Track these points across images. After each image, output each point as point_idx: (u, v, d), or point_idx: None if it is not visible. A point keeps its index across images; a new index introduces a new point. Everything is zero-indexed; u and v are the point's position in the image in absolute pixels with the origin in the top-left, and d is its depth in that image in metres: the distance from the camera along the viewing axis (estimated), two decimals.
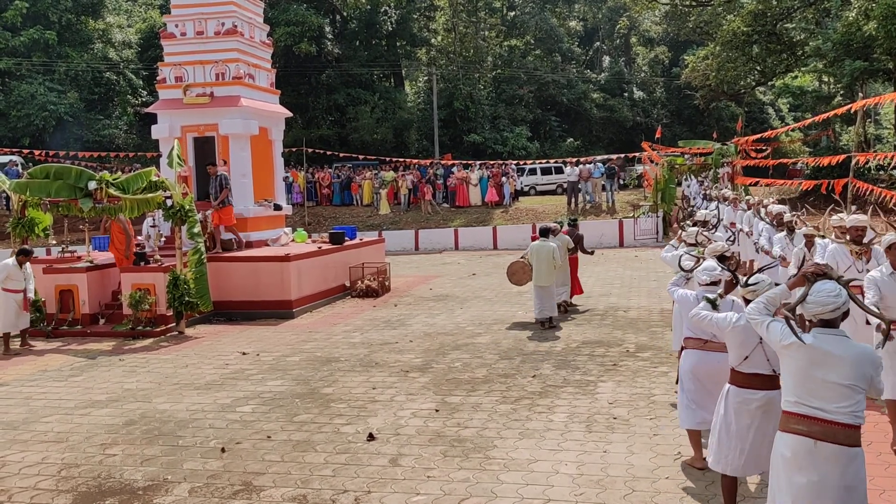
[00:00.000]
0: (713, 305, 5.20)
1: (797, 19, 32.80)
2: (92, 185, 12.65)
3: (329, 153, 34.51)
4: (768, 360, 4.63)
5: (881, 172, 27.10)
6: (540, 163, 35.67)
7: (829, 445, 3.69)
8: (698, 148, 31.46)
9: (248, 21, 16.86)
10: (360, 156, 34.12)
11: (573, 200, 29.57)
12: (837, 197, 13.87)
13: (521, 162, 34.09)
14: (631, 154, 33.66)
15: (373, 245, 18.76)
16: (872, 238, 7.99)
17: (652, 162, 28.97)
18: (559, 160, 34.72)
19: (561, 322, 12.49)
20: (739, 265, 6.41)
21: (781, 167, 27.20)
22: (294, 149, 31.62)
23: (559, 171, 33.34)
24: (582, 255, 14.53)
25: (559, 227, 13.44)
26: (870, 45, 25.60)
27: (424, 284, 17.93)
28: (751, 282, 4.61)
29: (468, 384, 8.76)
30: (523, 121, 44.11)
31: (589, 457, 6.30)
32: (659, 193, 27.00)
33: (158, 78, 16.57)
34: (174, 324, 12.73)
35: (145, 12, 43.63)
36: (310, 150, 33.50)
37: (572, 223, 14.82)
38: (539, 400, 8.01)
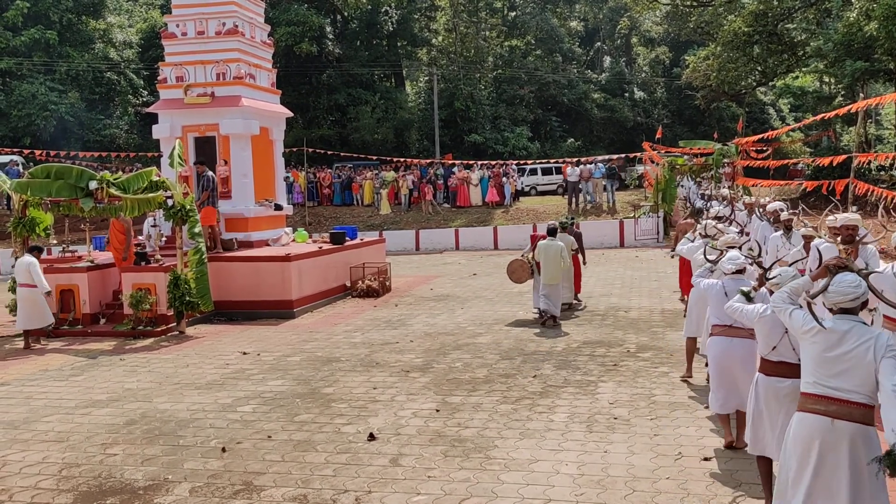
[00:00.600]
0: (748, 298, 5.36)
1: (798, 20, 32.76)
2: (93, 185, 12.66)
3: (330, 153, 34.52)
4: (794, 350, 4.77)
5: (882, 173, 27.08)
6: (540, 163, 35.66)
7: (846, 423, 3.90)
8: (699, 148, 31.46)
9: (249, 21, 16.87)
10: (361, 156, 34.12)
11: (574, 201, 29.57)
12: (838, 197, 13.79)
13: (522, 162, 34.09)
14: (632, 154, 33.66)
15: (373, 245, 18.76)
16: (863, 236, 7.93)
17: (653, 162, 28.98)
18: (559, 161, 34.70)
19: (562, 321, 12.58)
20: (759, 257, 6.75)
21: (782, 168, 27.20)
22: (295, 149, 31.62)
23: (560, 172, 33.33)
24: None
25: (562, 226, 13.49)
26: (871, 46, 25.57)
27: (425, 284, 17.93)
28: (771, 275, 4.98)
29: (469, 384, 8.76)
30: (524, 121, 44.08)
31: (589, 457, 6.30)
32: (659, 194, 26.99)
33: (159, 78, 16.57)
34: (175, 323, 12.74)
35: (146, 12, 43.60)
36: (311, 150, 33.50)
37: (570, 223, 14.70)
38: (540, 400, 8.01)
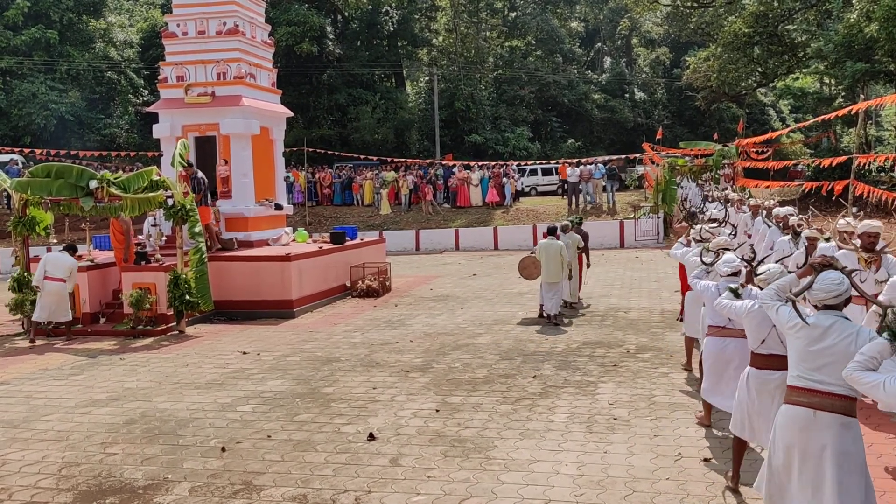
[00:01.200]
0: (736, 295, 5.63)
1: (798, 21, 32.77)
2: (93, 184, 12.65)
3: (330, 153, 34.52)
4: (782, 342, 4.90)
5: (882, 174, 27.09)
6: (540, 163, 35.66)
7: (828, 414, 4.07)
8: (699, 149, 31.48)
9: (250, 21, 16.87)
10: (361, 156, 34.12)
11: (574, 201, 29.57)
12: (838, 198, 13.70)
13: (522, 163, 34.09)
14: (632, 155, 33.67)
15: (373, 245, 18.76)
16: (884, 246, 7.55)
17: (653, 163, 28.98)
18: (560, 161, 34.71)
19: (566, 319, 12.76)
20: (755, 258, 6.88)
21: (783, 169, 27.21)
22: (295, 148, 31.62)
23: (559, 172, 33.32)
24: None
25: (570, 226, 13.93)
26: (871, 47, 25.58)
27: (425, 284, 17.93)
28: (760, 271, 5.23)
29: (469, 384, 8.77)
30: (524, 121, 44.09)
31: (589, 457, 6.30)
32: (660, 194, 27.00)
33: (160, 77, 16.57)
34: (175, 323, 12.74)
35: (147, 11, 43.60)
36: (311, 150, 33.50)
37: (578, 223, 15.08)
38: (539, 400, 8.01)
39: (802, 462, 4.16)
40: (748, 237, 13.99)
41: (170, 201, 12.91)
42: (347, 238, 17.35)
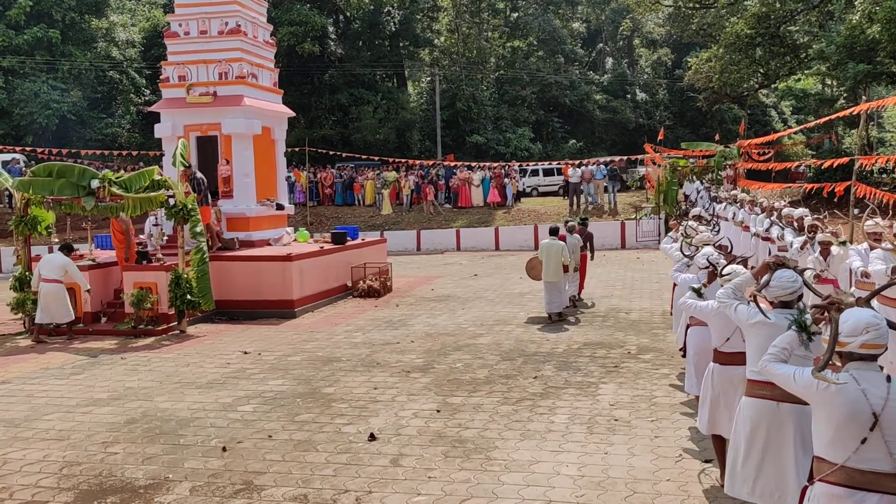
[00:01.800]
0: (698, 294, 5.86)
1: (801, 22, 32.74)
2: (95, 184, 12.66)
3: (331, 153, 34.50)
4: (744, 341, 5.03)
5: (884, 175, 27.08)
6: (542, 164, 35.65)
7: (789, 405, 4.26)
8: (701, 150, 31.44)
9: (252, 20, 16.88)
10: (363, 156, 34.10)
11: (575, 202, 29.56)
12: (859, 200, 13.39)
13: (523, 163, 34.08)
14: (633, 156, 33.65)
15: (375, 245, 18.76)
16: None
17: (654, 164, 28.96)
18: (561, 162, 34.71)
19: (565, 320, 12.81)
20: (731, 256, 7.05)
21: (784, 170, 27.19)
22: (297, 148, 31.61)
23: (561, 173, 33.32)
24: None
25: (575, 226, 14.32)
26: (873, 49, 25.56)
27: (426, 285, 17.93)
28: (725, 271, 5.39)
29: (469, 385, 8.77)
30: (526, 122, 44.06)
31: (590, 458, 6.30)
32: (661, 195, 26.98)
33: (162, 77, 16.59)
34: (176, 322, 12.75)
35: (149, 11, 43.58)
36: (312, 150, 33.49)
37: (583, 222, 15.36)
38: (540, 401, 8.01)
39: (765, 450, 4.36)
40: (764, 239, 13.78)
41: (171, 201, 12.92)
42: (349, 238, 17.37)
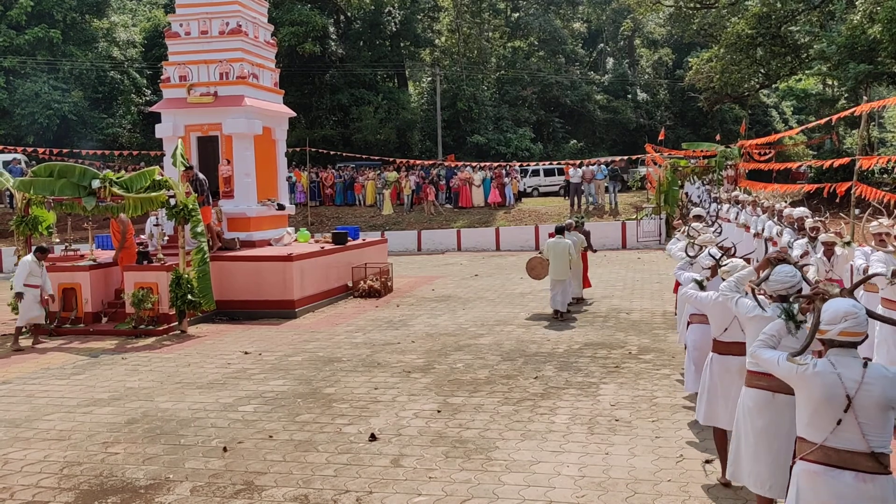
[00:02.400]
0: (700, 286, 6.06)
1: (802, 22, 32.73)
2: (95, 184, 12.67)
3: (332, 153, 34.51)
4: (742, 331, 5.24)
5: (885, 176, 27.07)
6: (543, 164, 35.65)
7: (785, 396, 4.41)
8: (702, 150, 31.42)
9: (253, 21, 16.88)
10: (364, 156, 34.12)
11: (576, 202, 29.56)
12: (870, 203, 13.07)
13: (524, 164, 34.07)
14: (634, 156, 33.64)
15: (375, 245, 18.76)
16: None
17: (655, 164, 28.95)
18: (562, 162, 34.70)
19: (569, 318, 13.00)
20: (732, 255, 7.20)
21: (785, 170, 27.17)
22: (297, 149, 31.61)
23: (562, 173, 33.32)
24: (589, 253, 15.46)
25: (573, 225, 14.55)
26: (874, 49, 25.56)
27: (427, 285, 17.93)
28: (724, 265, 5.62)
29: (470, 385, 8.76)
30: (527, 122, 44.07)
31: (591, 459, 6.30)
32: (662, 195, 26.96)
33: (162, 77, 16.59)
34: (177, 323, 12.75)
35: (150, 11, 43.60)
36: (313, 150, 33.48)
37: (579, 222, 15.49)
38: (541, 401, 8.00)
39: (763, 437, 4.58)
40: (767, 241, 13.64)
41: (172, 201, 12.92)
42: (349, 238, 17.36)
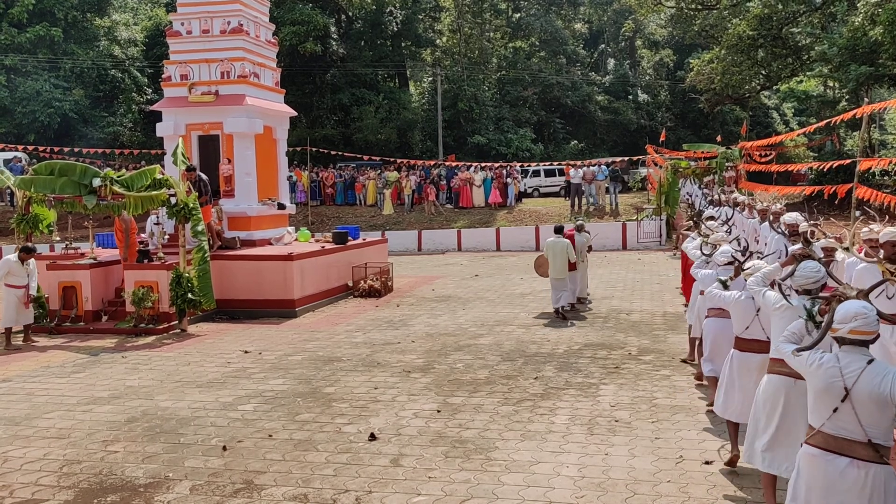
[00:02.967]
0: (724, 286, 6.35)
1: (803, 24, 32.73)
2: (96, 182, 12.67)
3: (333, 153, 34.51)
4: (763, 329, 5.67)
5: (886, 178, 27.05)
6: (543, 165, 35.66)
7: (804, 382, 4.39)
8: (702, 152, 31.40)
9: (254, 20, 16.88)
10: (364, 156, 34.13)
11: (577, 202, 29.56)
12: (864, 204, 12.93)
13: (525, 164, 34.08)
14: (635, 157, 33.63)
15: (376, 245, 18.76)
16: None
17: (656, 165, 28.94)
18: (563, 163, 34.70)
19: (570, 319, 13.06)
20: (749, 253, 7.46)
21: (786, 172, 27.16)
22: (298, 148, 31.62)
23: (563, 174, 33.32)
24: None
25: (583, 226, 14.87)
26: (875, 51, 25.56)
27: (427, 285, 17.93)
28: (745, 266, 6.09)
29: (470, 385, 8.76)
30: (527, 122, 44.06)
31: (590, 459, 6.30)
32: (662, 196, 26.94)
33: (164, 76, 16.59)
34: (177, 321, 12.75)
35: (151, 10, 43.62)
36: (314, 150, 33.50)
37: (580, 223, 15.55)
38: (541, 402, 8.00)
39: (782, 420, 4.84)
40: (758, 243, 13.59)
41: (172, 200, 12.93)
42: (350, 238, 17.36)
